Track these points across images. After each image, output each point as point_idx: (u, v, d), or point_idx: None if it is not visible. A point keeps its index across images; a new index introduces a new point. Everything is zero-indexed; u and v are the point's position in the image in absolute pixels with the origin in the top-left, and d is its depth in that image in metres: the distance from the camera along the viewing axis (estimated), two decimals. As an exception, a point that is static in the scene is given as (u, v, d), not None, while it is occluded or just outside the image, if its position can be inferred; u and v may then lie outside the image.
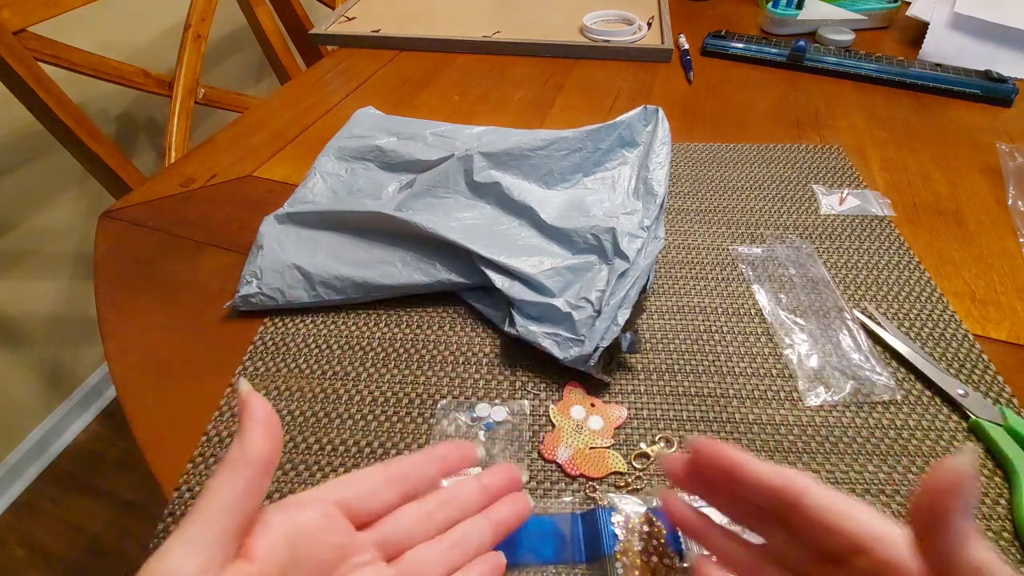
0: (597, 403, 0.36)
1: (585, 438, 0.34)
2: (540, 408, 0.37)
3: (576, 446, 0.34)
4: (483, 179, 0.47)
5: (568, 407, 0.36)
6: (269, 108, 0.71)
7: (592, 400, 0.36)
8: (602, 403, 0.36)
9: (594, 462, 0.33)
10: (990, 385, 0.37)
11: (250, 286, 0.43)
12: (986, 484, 0.32)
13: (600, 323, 0.37)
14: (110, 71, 0.82)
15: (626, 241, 0.41)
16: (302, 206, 0.49)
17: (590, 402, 0.36)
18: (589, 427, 0.35)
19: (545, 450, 0.34)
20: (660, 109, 0.51)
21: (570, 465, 0.33)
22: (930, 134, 0.61)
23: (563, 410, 0.36)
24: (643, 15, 0.82)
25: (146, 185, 0.59)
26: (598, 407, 0.36)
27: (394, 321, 0.43)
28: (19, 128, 1.04)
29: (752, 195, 0.53)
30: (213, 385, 0.39)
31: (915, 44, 0.75)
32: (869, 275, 0.45)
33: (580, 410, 0.36)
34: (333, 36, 0.85)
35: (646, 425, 0.36)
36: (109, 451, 1.27)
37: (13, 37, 0.69)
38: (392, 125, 0.59)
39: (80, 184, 1.17)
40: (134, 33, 1.20)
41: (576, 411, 0.36)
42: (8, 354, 1.14)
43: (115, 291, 0.47)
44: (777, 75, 0.73)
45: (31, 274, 1.15)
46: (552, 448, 0.34)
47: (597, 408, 0.36)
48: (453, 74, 0.76)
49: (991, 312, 0.42)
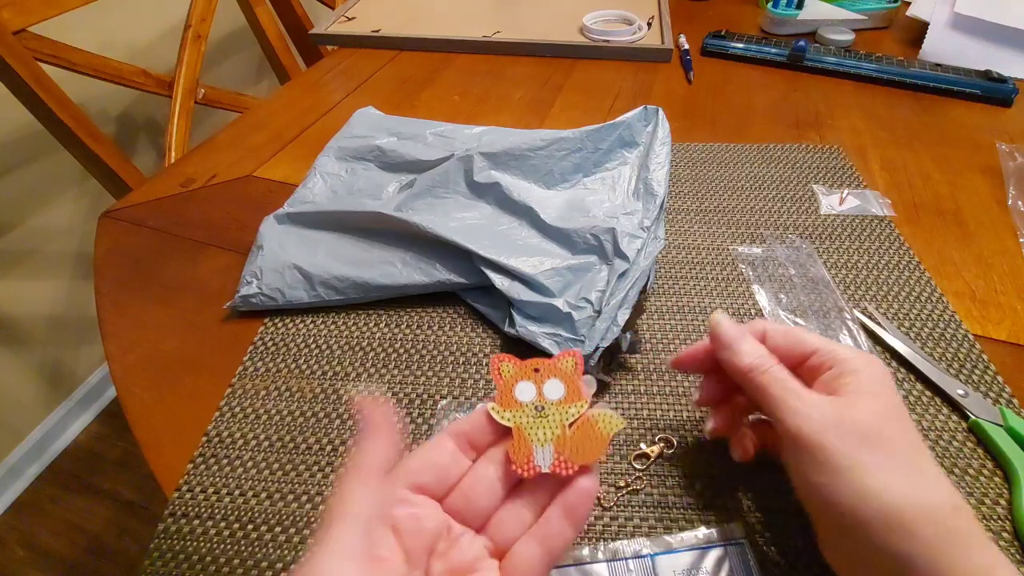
0: (541, 363, 0.27)
1: (556, 418, 0.25)
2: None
3: (552, 436, 0.25)
4: (483, 179, 0.47)
5: (510, 393, 0.26)
6: (269, 108, 0.71)
7: (533, 364, 0.27)
8: (547, 360, 0.27)
9: (586, 442, 0.25)
10: (990, 385, 0.37)
11: (250, 286, 0.43)
12: (986, 484, 0.32)
13: (600, 323, 0.37)
14: (110, 71, 0.82)
15: (626, 241, 0.41)
16: (302, 206, 0.49)
17: (532, 367, 0.27)
18: (550, 400, 0.26)
19: (519, 467, 0.24)
20: (660, 109, 0.50)
21: (561, 465, 0.24)
22: (930, 134, 0.61)
23: (505, 400, 0.26)
24: (643, 15, 0.82)
25: (146, 185, 0.59)
26: (545, 368, 0.27)
27: (394, 321, 0.43)
28: (19, 128, 1.04)
29: (752, 195, 0.53)
30: (213, 385, 0.39)
31: (915, 44, 0.75)
32: (869, 275, 0.45)
33: (528, 387, 0.26)
34: (333, 36, 0.85)
35: (646, 425, 0.36)
36: (109, 451, 1.27)
37: (13, 37, 0.69)
38: (392, 125, 0.59)
39: (80, 184, 1.17)
40: (134, 33, 1.20)
41: (523, 390, 0.26)
42: (8, 354, 1.14)
43: (115, 291, 0.47)
44: (777, 75, 0.73)
45: (31, 274, 1.15)
46: (525, 460, 0.24)
47: (545, 369, 0.27)
48: (453, 74, 0.76)
49: (991, 312, 0.42)
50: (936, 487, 0.23)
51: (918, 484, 0.23)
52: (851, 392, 0.26)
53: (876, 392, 0.26)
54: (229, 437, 0.36)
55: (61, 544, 1.13)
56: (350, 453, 0.23)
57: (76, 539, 1.13)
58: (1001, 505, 0.31)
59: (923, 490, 0.23)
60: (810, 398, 0.26)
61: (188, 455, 0.35)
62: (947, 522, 0.22)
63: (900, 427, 0.25)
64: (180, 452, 0.35)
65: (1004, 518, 0.31)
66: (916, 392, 0.37)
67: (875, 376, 0.26)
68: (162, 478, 0.34)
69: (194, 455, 0.35)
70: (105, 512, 1.17)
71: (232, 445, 0.36)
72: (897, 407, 0.26)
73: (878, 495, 0.23)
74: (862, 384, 0.26)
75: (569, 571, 0.29)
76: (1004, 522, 0.31)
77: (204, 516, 0.33)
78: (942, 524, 0.22)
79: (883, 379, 0.26)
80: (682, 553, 0.30)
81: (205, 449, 0.35)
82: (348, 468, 0.21)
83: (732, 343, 0.29)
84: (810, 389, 0.27)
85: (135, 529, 1.15)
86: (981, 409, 0.35)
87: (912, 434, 0.25)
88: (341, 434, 0.36)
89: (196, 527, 0.32)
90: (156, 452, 0.36)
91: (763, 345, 0.29)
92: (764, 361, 0.28)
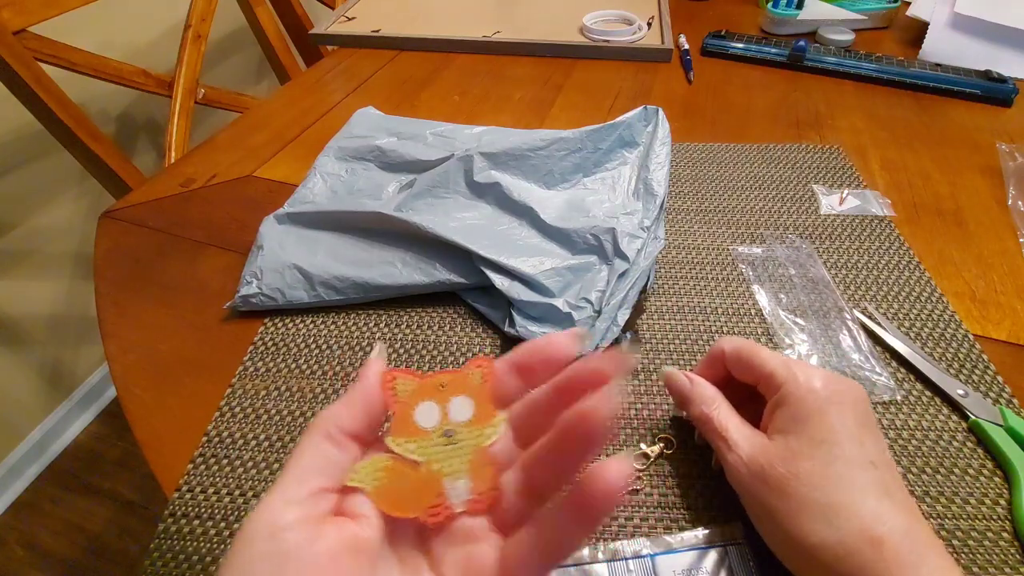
0: (445, 377, 0.22)
1: (468, 443, 0.21)
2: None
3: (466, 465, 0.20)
4: (483, 179, 0.47)
5: (408, 419, 0.21)
6: (269, 108, 0.71)
7: (437, 380, 0.22)
8: (452, 373, 0.22)
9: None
10: (990, 385, 0.37)
11: (250, 286, 0.43)
12: (986, 484, 0.32)
13: (600, 323, 0.37)
14: (110, 71, 0.82)
15: (626, 241, 0.41)
16: (302, 206, 0.49)
17: (436, 384, 0.22)
18: (458, 422, 0.21)
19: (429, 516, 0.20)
20: (660, 109, 0.50)
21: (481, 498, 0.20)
22: (930, 134, 0.61)
23: (404, 427, 0.21)
24: (643, 15, 0.82)
25: (146, 185, 0.59)
26: (450, 383, 0.22)
27: (394, 321, 0.43)
28: (19, 128, 1.04)
29: (752, 195, 0.53)
30: (213, 385, 0.39)
31: (915, 44, 0.75)
32: (869, 275, 0.45)
33: (430, 408, 0.21)
34: (333, 36, 0.85)
35: (646, 425, 0.36)
36: (109, 451, 1.28)
37: (13, 37, 0.69)
38: (392, 125, 0.59)
39: (80, 184, 1.17)
40: (134, 33, 1.20)
41: (425, 413, 0.21)
42: (8, 354, 1.14)
43: (115, 291, 0.47)
44: (777, 75, 0.73)
45: (31, 274, 1.15)
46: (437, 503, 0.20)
47: (450, 385, 0.22)
48: (453, 74, 0.76)
49: (991, 312, 0.42)
50: (848, 524, 0.24)
51: (831, 525, 0.24)
52: (777, 430, 0.27)
53: (798, 428, 0.26)
54: (229, 437, 0.36)
55: (61, 544, 1.13)
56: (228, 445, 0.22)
57: (76, 539, 1.13)
58: (1001, 505, 0.31)
59: (835, 532, 0.24)
60: (738, 446, 0.28)
61: (188, 455, 0.35)
62: (863, 556, 0.23)
63: (817, 463, 0.25)
64: (180, 452, 0.35)
65: (1004, 518, 0.31)
66: (916, 392, 0.37)
67: (803, 407, 0.27)
68: (162, 478, 0.34)
69: (194, 455, 0.35)
70: (105, 512, 1.17)
71: (232, 445, 0.36)
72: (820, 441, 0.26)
73: (796, 538, 0.25)
74: (787, 420, 0.27)
75: (569, 571, 0.29)
76: (1004, 522, 0.31)
77: (204, 516, 0.33)
78: (858, 559, 0.23)
79: (814, 408, 0.26)
80: (682, 553, 0.30)
81: (205, 449, 0.35)
82: (311, 423, 0.21)
83: (685, 396, 0.31)
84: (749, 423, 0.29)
85: (135, 529, 1.15)
86: (981, 409, 0.35)
87: (832, 467, 0.25)
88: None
89: (196, 527, 0.32)
90: (156, 452, 0.36)
91: (720, 366, 0.32)
92: (707, 409, 0.30)
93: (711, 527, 0.31)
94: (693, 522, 0.31)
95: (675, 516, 0.31)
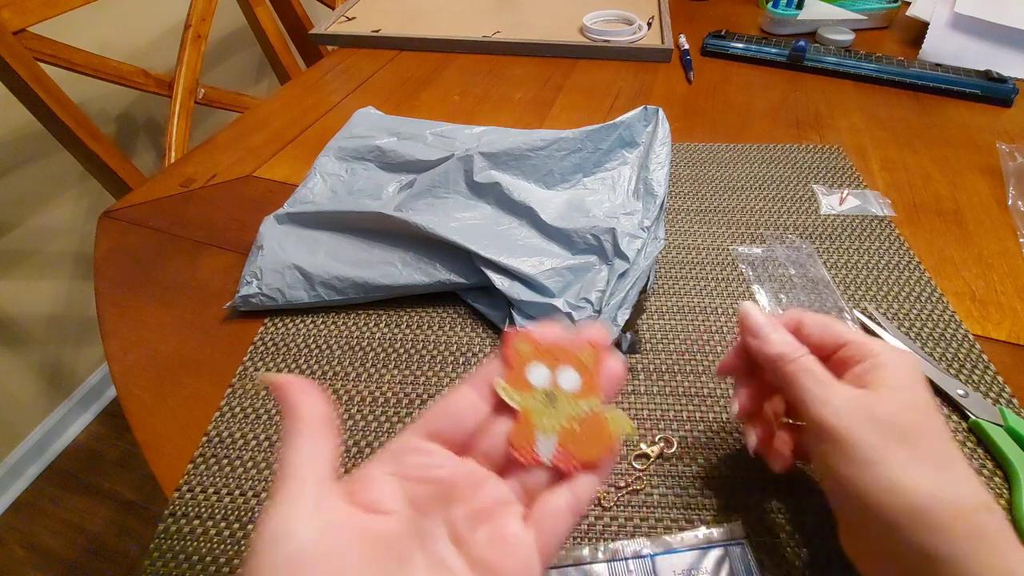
0: (560, 348, 0.24)
1: (566, 409, 0.23)
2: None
3: (558, 427, 0.23)
4: (483, 179, 0.47)
5: (522, 373, 0.24)
6: (269, 108, 0.71)
7: (551, 347, 0.24)
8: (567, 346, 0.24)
9: (593, 439, 0.23)
10: (990, 385, 0.37)
11: (250, 286, 0.43)
12: (986, 484, 0.32)
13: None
14: (110, 71, 0.82)
15: (626, 241, 0.41)
16: (302, 206, 0.49)
17: (550, 350, 0.24)
18: (564, 390, 0.23)
19: (518, 452, 0.22)
20: (660, 109, 0.50)
21: (561, 459, 0.22)
22: (930, 134, 0.61)
23: (516, 380, 0.23)
24: (643, 15, 0.82)
25: (146, 185, 0.59)
26: (564, 355, 0.24)
27: (394, 321, 0.43)
28: (19, 128, 1.04)
29: (752, 195, 0.53)
30: (213, 385, 0.39)
31: (915, 44, 0.75)
32: (869, 275, 0.45)
33: (542, 370, 0.24)
34: (333, 36, 0.85)
35: (646, 425, 0.36)
36: (109, 451, 1.27)
37: (13, 37, 0.69)
38: (392, 125, 0.59)
39: (80, 184, 1.17)
40: (134, 33, 1.20)
41: (536, 373, 0.24)
42: (8, 354, 1.14)
43: (115, 291, 0.47)
44: (777, 75, 0.73)
45: (31, 274, 1.15)
46: (526, 446, 0.23)
47: (564, 356, 0.24)
48: (453, 74, 0.76)
49: (991, 312, 0.42)
50: (966, 485, 0.23)
51: (947, 481, 0.23)
52: (881, 386, 0.25)
53: (907, 386, 0.25)
54: (229, 437, 0.36)
55: (61, 544, 1.13)
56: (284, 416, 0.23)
57: (76, 539, 1.13)
58: (1001, 505, 0.31)
59: (953, 487, 0.23)
60: (839, 389, 0.26)
61: (188, 455, 0.35)
62: (976, 520, 0.22)
63: (930, 422, 0.25)
64: (180, 452, 0.35)
65: (1004, 518, 0.31)
66: (916, 392, 0.37)
67: (906, 371, 0.26)
68: (162, 478, 0.34)
69: (194, 455, 0.35)
70: (105, 512, 1.17)
71: (232, 445, 0.36)
72: (927, 402, 0.25)
73: (906, 489, 0.22)
74: (893, 378, 0.25)
75: (569, 571, 0.29)
76: (1004, 522, 0.31)
77: (204, 516, 0.33)
78: (971, 522, 0.22)
79: (914, 374, 0.26)
80: (682, 553, 0.30)
81: (205, 449, 0.35)
82: (288, 427, 0.21)
83: (760, 331, 0.28)
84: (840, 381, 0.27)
85: (135, 529, 1.15)
86: (981, 409, 0.35)
87: (942, 430, 0.24)
88: (342, 434, 0.36)
89: (196, 527, 0.32)
90: (156, 452, 0.36)
91: (796, 335, 0.29)
92: (793, 350, 0.27)
93: (711, 527, 0.31)
94: (693, 522, 0.31)
95: (675, 516, 0.31)
